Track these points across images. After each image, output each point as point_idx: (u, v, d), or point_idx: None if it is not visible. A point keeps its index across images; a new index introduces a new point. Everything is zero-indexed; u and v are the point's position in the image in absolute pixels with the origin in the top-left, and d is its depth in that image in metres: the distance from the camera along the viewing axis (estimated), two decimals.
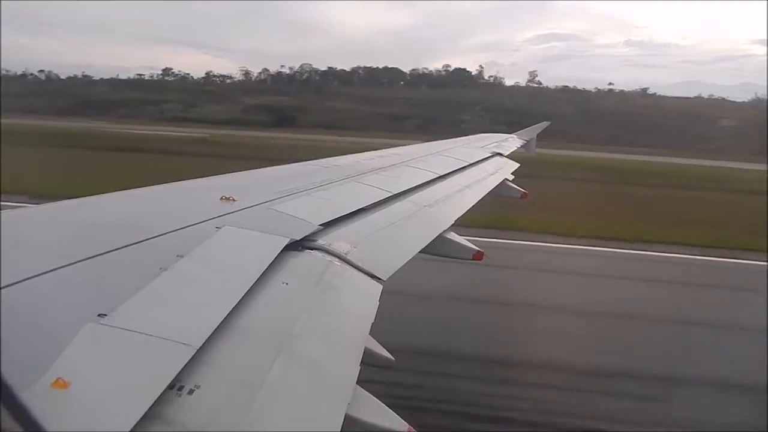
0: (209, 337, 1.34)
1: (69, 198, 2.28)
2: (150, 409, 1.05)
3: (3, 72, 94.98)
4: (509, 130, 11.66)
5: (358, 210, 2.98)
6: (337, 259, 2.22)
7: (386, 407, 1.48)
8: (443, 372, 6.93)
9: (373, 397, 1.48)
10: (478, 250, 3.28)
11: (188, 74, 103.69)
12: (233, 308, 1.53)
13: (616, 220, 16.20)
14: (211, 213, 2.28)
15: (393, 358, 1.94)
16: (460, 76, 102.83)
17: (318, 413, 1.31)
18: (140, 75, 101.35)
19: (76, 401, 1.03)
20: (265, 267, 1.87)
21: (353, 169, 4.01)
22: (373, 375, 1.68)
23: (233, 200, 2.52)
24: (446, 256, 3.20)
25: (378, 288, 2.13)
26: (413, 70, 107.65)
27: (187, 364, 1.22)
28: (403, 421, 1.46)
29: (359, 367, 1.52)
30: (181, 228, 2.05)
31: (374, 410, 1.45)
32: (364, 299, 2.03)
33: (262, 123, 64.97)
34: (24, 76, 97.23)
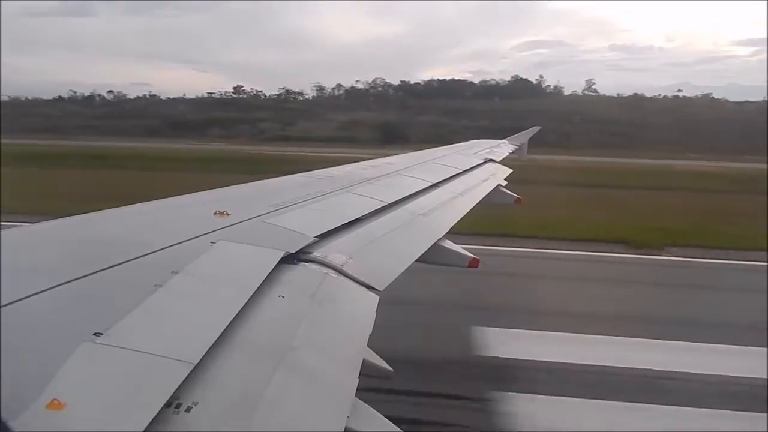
0: (206, 354, 1.34)
1: None
2: (147, 428, 1.04)
3: (69, 93, 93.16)
4: (623, 141, 11.15)
5: (352, 221, 2.98)
6: (332, 271, 2.22)
7: (386, 419, 1.47)
8: None
9: (373, 410, 1.47)
10: (474, 258, 3.28)
11: (260, 91, 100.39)
12: (230, 323, 1.52)
13: None
14: (205, 228, 2.27)
15: (391, 369, 1.93)
16: (523, 86, 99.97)
17: (318, 427, 1.30)
18: (210, 93, 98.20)
19: (71, 423, 1.02)
20: (261, 281, 1.86)
21: (347, 180, 4.02)
22: None
23: (227, 214, 2.51)
24: (442, 264, 3.21)
25: (375, 299, 2.13)
26: (482, 81, 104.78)
27: (184, 381, 1.21)
28: None
29: (358, 379, 1.51)
30: (176, 244, 2.04)
31: (374, 423, 1.44)
32: (362, 310, 2.02)
33: (369, 140, 59.72)
34: (92, 97, 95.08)
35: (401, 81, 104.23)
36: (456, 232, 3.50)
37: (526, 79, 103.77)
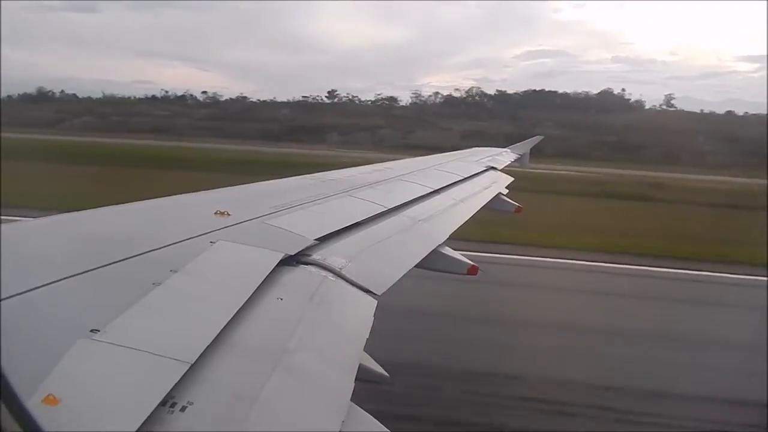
0: (203, 353, 1.33)
1: None
2: (141, 426, 1.04)
3: (162, 93, 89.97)
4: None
5: (353, 224, 2.98)
6: (331, 274, 2.22)
7: (381, 424, 1.46)
8: None
9: (368, 414, 1.47)
10: (473, 265, 3.27)
11: (355, 97, 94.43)
12: (227, 324, 1.52)
13: None
14: (205, 227, 2.27)
15: (387, 374, 1.92)
16: (611, 99, 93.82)
17: (312, 430, 1.30)
18: (305, 97, 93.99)
19: (66, 418, 1.02)
20: (260, 282, 1.86)
21: (348, 184, 4.02)
22: None
23: (228, 215, 2.51)
24: (441, 271, 3.20)
25: (373, 303, 2.12)
26: (575, 93, 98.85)
27: (180, 380, 1.21)
28: None
29: (354, 384, 1.51)
30: (176, 243, 2.04)
31: (369, 427, 1.44)
32: (359, 315, 2.02)
33: None
34: (183, 97, 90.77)
35: (498, 90, 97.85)
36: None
37: (613, 92, 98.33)
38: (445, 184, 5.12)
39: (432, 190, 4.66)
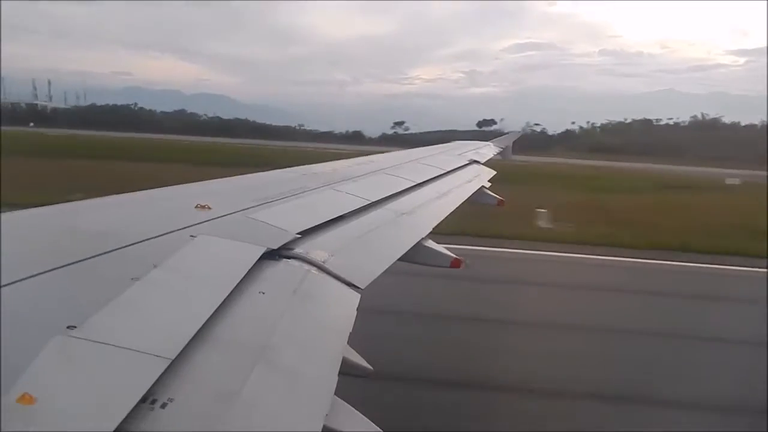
0: (184, 349, 1.31)
1: None
2: (121, 424, 1.02)
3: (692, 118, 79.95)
4: None
5: (336, 218, 2.97)
6: (314, 268, 2.21)
7: (365, 418, 1.47)
8: None
9: (352, 408, 1.47)
10: (456, 258, 3.29)
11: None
12: (208, 319, 1.50)
13: None
14: (185, 221, 2.24)
15: (371, 367, 1.92)
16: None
17: (296, 425, 1.29)
18: (610, 120, 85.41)
19: (42, 418, 1.00)
20: (242, 276, 1.84)
21: (331, 177, 4.00)
22: None
23: (209, 208, 2.48)
24: (424, 264, 3.21)
25: (356, 297, 2.12)
26: None
27: (160, 376, 1.19)
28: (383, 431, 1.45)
29: (337, 378, 1.50)
30: (155, 237, 2.01)
31: (353, 421, 1.44)
32: (342, 308, 2.01)
33: None
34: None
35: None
36: None
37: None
38: (428, 178, 5.13)
39: (415, 183, 4.66)
